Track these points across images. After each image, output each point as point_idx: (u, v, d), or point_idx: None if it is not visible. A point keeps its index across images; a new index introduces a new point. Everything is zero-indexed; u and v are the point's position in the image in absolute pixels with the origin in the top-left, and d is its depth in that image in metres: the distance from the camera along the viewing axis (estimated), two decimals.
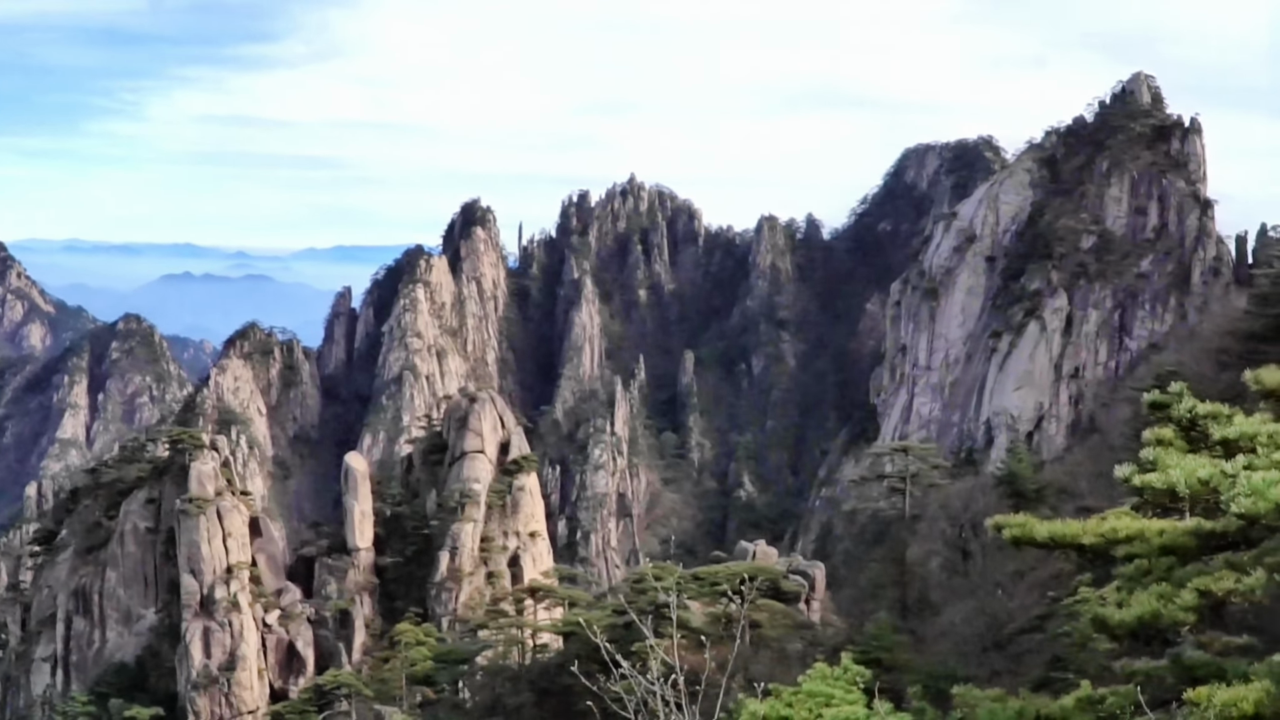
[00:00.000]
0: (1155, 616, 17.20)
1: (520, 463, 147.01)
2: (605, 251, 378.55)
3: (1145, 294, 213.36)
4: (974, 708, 18.76)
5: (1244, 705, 12.60)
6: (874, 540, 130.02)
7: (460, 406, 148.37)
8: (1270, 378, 18.32)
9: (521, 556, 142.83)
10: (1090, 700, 18.08)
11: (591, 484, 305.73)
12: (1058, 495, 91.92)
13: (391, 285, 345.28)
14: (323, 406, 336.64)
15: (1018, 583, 78.87)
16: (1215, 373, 79.12)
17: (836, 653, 25.30)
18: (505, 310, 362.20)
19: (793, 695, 19.35)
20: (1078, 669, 35.49)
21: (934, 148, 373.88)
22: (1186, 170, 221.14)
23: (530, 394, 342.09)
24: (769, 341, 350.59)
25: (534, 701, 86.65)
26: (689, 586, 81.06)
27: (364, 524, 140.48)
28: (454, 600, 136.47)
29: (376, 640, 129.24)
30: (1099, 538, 19.04)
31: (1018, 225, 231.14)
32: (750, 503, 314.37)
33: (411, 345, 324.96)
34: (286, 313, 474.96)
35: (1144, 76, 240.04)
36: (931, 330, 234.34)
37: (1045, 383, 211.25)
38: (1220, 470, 15.21)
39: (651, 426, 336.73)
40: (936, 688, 29.21)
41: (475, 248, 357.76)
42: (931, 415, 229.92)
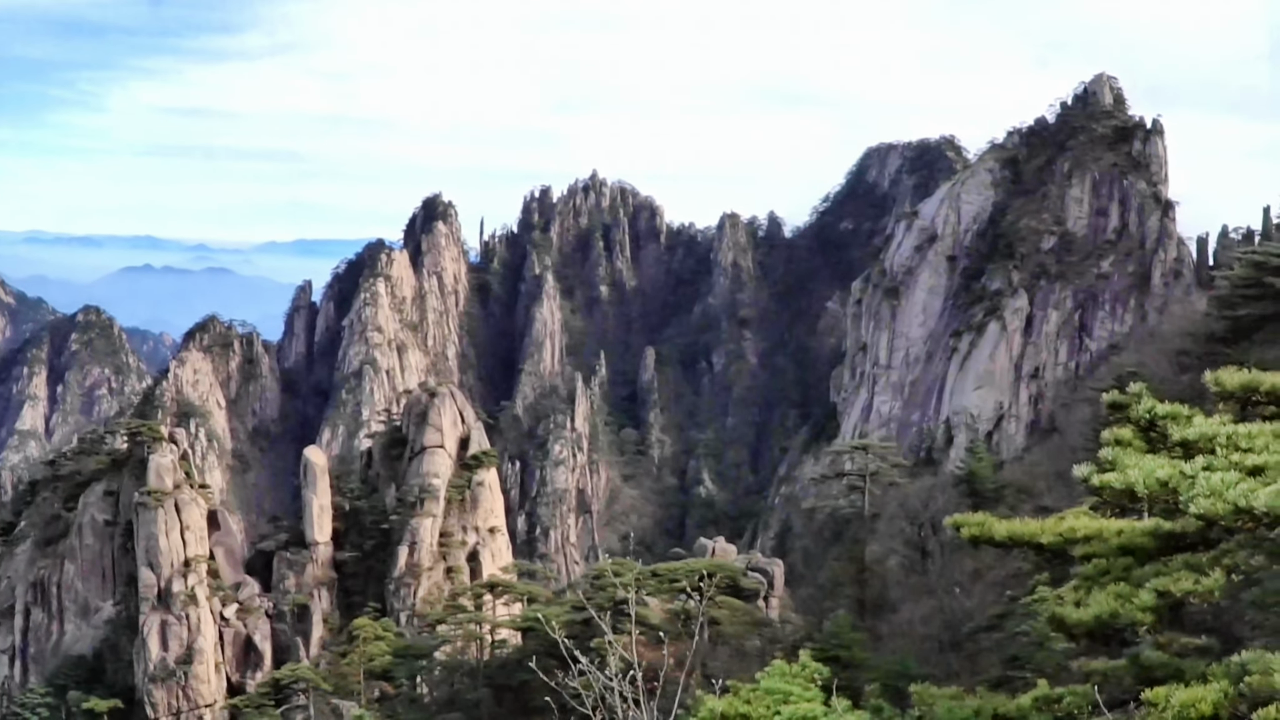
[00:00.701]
0: (1113, 616, 17.22)
1: (480, 458, 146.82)
2: (567, 247, 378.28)
3: (1106, 295, 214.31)
4: (931, 706, 18.76)
5: (1202, 706, 12.62)
6: (833, 538, 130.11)
7: (420, 401, 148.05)
8: (1230, 379, 18.37)
9: (481, 552, 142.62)
10: (1047, 699, 18.11)
11: (551, 480, 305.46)
12: (1017, 495, 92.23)
13: (352, 279, 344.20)
14: (282, 400, 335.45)
15: (976, 582, 79.08)
16: (1175, 374, 79.51)
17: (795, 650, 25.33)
18: (466, 305, 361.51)
19: (751, 692, 19.34)
20: (1035, 668, 35.60)
21: (896, 147, 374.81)
22: (1148, 171, 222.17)
23: (491, 389, 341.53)
24: (730, 339, 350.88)
25: (492, 697, 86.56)
26: (648, 583, 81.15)
27: (323, 518, 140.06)
28: (412, 595, 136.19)
29: (334, 635, 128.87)
30: (1057, 537, 19.07)
31: (979, 225, 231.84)
32: (710, 500, 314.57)
33: (372, 339, 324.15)
34: (247, 306, 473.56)
35: (1106, 77, 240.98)
36: (892, 329, 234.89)
37: (1005, 382, 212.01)
38: (1179, 471, 15.23)
39: (612, 423, 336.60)
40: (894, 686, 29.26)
41: (436, 242, 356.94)
42: (891, 414, 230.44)
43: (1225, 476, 14.64)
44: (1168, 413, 17.66)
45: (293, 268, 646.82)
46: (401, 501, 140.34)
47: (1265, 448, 15.84)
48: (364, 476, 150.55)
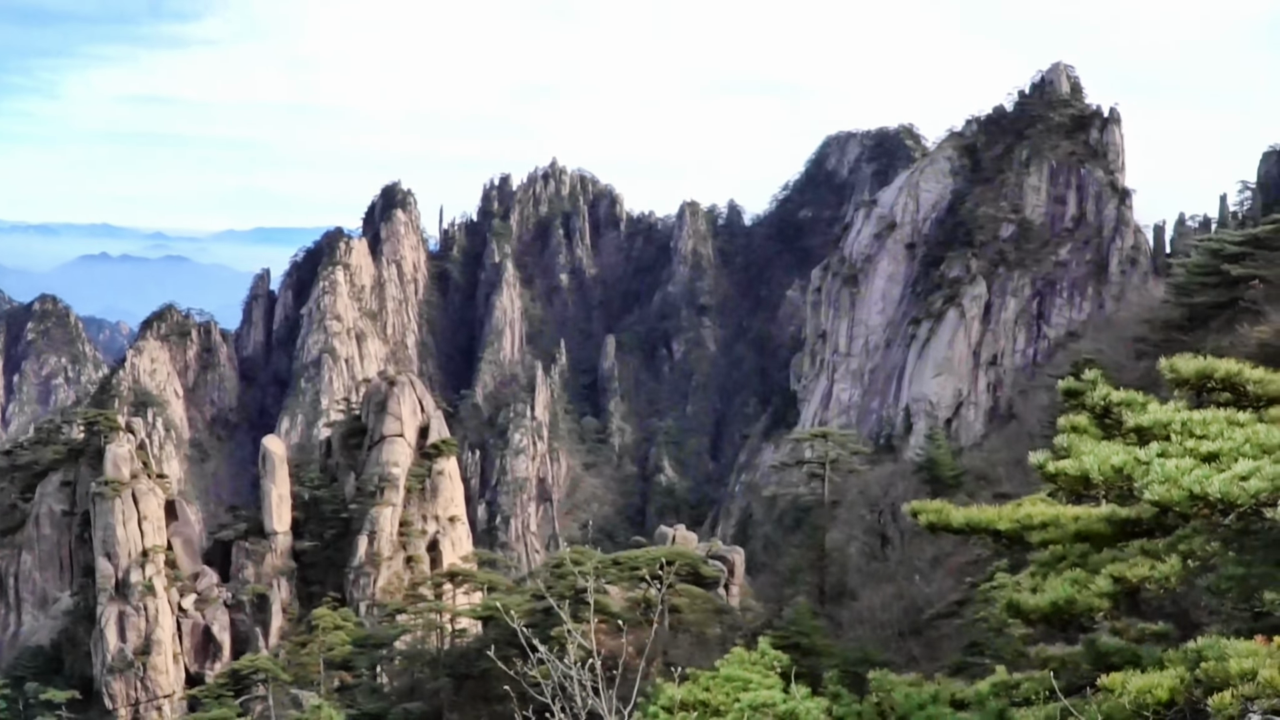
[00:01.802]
0: (1070, 602, 17.30)
1: (440, 447, 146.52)
2: (526, 235, 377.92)
3: (1063, 282, 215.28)
4: (889, 692, 18.83)
5: (1158, 692, 12.68)
6: (793, 525, 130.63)
7: (379, 390, 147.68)
8: (1185, 366, 18.46)
9: (441, 541, 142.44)
10: (1005, 685, 18.19)
11: (512, 468, 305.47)
12: (976, 481, 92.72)
13: (311, 267, 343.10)
14: (240, 389, 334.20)
15: (936, 568, 79.44)
16: (1132, 361, 79.97)
17: (755, 637, 25.39)
18: (425, 294, 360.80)
19: (710, 679, 19.38)
20: (994, 654, 35.79)
21: (855, 135, 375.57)
22: (1105, 160, 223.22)
23: (450, 378, 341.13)
24: (690, 327, 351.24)
25: (452, 686, 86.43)
26: (609, 571, 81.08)
27: (281, 508, 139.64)
28: (372, 585, 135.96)
29: (294, 625, 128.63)
30: (1014, 524, 19.13)
31: (938, 213, 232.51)
32: (670, 488, 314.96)
33: (331, 328, 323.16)
34: (204, 294, 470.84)
35: (1063, 66, 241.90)
36: (852, 317, 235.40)
37: (964, 370, 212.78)
38: (1134, 458, 15.29)
39: (572, 411, 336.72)
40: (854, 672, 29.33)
41: (395, 230, 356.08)
42: (851, 401, 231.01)
43: (1180, 463, 14.71)
44: (1122, 399, 17.74)
45: (251, 256, 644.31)
46: (361, 491, 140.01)
47: (1220, 434, 15.92)
48: (323, 466, 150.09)
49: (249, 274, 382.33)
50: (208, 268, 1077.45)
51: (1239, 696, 11.89)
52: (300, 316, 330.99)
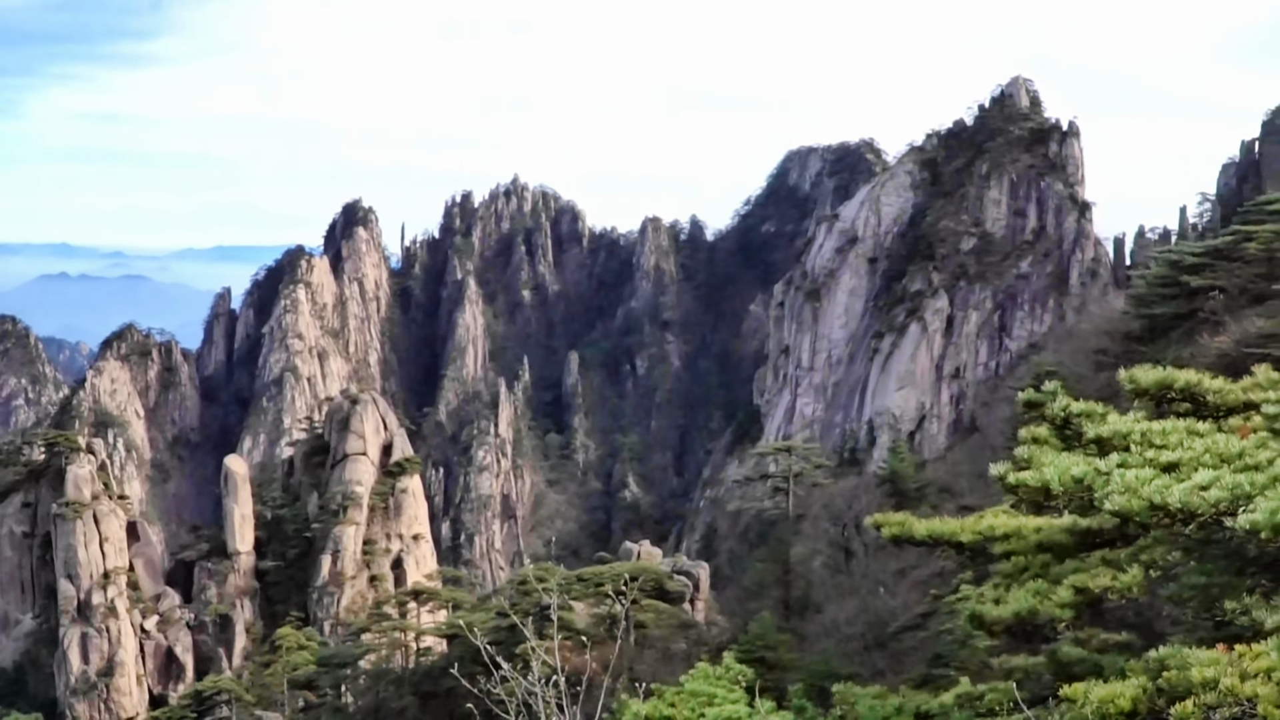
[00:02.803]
0: (1032, 613, 17.36)
1: (403, 465, 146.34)
2: (489, 252, 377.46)
3: (1024, 295, 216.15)
4: (853, 705, 18.87)
5: (1120, 702, 12.71)
6: (758, 540, 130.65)
7: (342, 408, 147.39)
8: (1144, 377, 18.55)
9: (405, 559, 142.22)
10: (969, 696, 18.24)
11: (475, 486, 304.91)
12: (939, 494, 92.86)
13: (272, 286, 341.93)
14: (202, 409, 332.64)
15: (900, 581, 79.53)
16: (1093, 372, 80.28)
17: (720, 652, 25.39)
18: (388, 311, 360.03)
19: (675, 695, 19.37)
20: (959, 666, 35.82)
21: (816, 150, 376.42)
22: (1065, 173, 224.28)
23: (413, 395, 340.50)
24: (653, 342, 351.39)
25: (418, 705, 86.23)
26: (574, 588, 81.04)
27: (244, 527, 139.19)
28: (336, 604, 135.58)
29: (257, 645, 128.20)
30: (976, 535, 19.20)
31: (899, 227, 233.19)
32: (635, 503, 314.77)
33: (292, 346, 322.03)
34: (165, 313, 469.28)
35: (1022, 80, 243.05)
36: (814, 331, 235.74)
37: (927, 383, 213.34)
38: (1094, 468, 15.35)
39: (536, 428, 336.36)
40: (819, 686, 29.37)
41: (357, 248, 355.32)
42: (814, 415, 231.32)
43: (1140, 473, 14.77)
44: (1082, 411, 17.82)
45: (211, 274, 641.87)
46: (324, 509, 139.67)
47: (1179, 444, 16.00)
48: (285, 485, 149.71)
49: (209, 293, 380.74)
50: (168, 286, 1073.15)
51: (1201, 705, 11.93)
52: (262, 335, 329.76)
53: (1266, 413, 18.02)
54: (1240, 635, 13.63)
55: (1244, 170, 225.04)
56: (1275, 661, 11.92)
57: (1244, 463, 15.40)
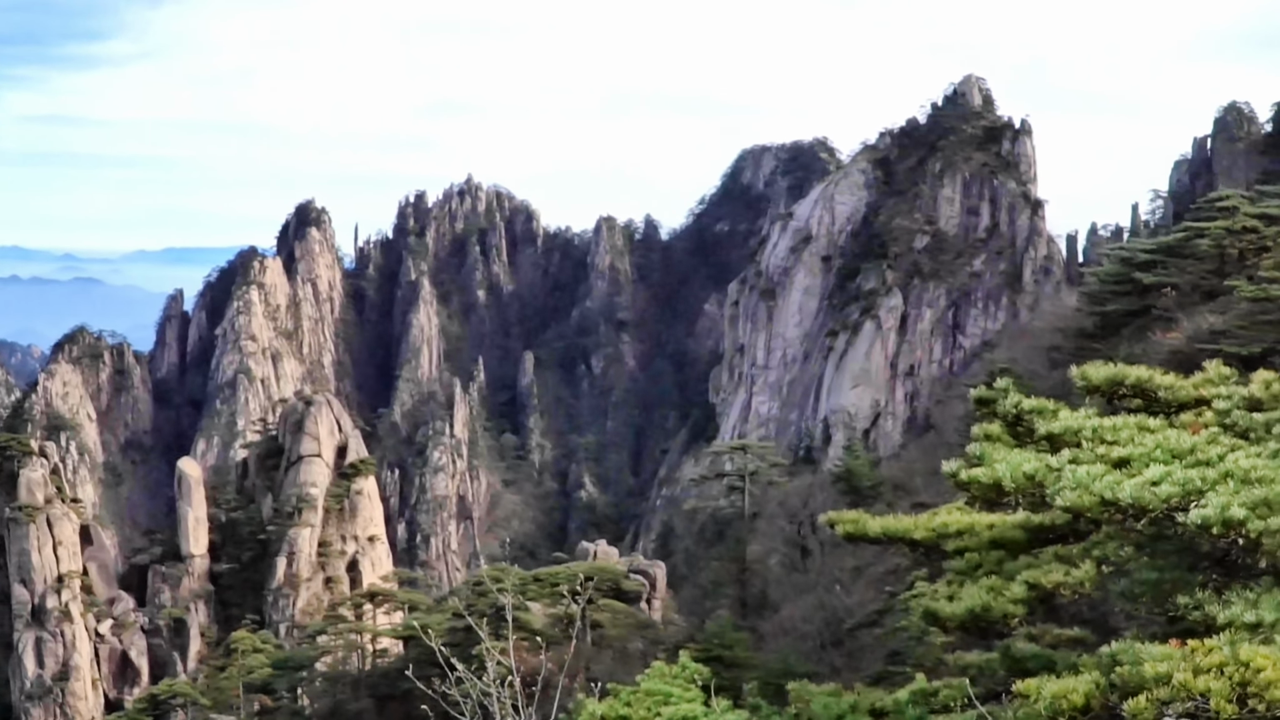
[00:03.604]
0: (985, 609, 17.40)
1: (358, 466, 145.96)
2: (443, 252, 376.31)
3: (978, 293, 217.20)
4: (808, 703, 18.86)
5: (1073, 697, 12.74)
6: (714, 539, 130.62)
7: (296, 410, 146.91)
8: (1096, 373, 18.63)
9: (360, 561, 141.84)
10: (924, 693, 18.25)
11: (431, 487, 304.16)
12: (894, 491, 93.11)
13: (224, 287, 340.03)
14: (155, 411, 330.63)
15: (856, 579, 79.72)
16: (1047, 369, 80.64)
17: (677, 651, 25.43)
18: (341, 312, 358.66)
19: (631, 694, 19.33)
20: (915, 662, 35.90)
21: (770, 149, 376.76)
22: (1017, 171, 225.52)
23: (368, 396, 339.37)
24: (608, 342, 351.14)
25: (374, 707, 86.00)
26: (530, 588, 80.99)
27: (198, 530, 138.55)
28: (291, 606, 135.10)
29: (212, 648, 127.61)
30: (930, 532, 19.25)
31: (853, 225, 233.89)
32: (591, 503, 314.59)
33: (246, 348, 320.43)
34: (117, 316, 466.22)
35: (975, 79, 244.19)
36: (769, 330, 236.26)
37: (881, 380, 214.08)
38: (1046, 465, 15.42)
39: (491, 428, 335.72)
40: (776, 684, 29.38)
41: (310, 249, 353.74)
42: (770, 414, 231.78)
43: (1091, 469, 14.84)
44: (1034, 407, 17.88)
45: (163, 276, 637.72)
46: (279, 512, 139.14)
47: (1130, 440, 16.08)
48: (240, 487, 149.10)
49: (162, 295, 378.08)
50: (120, 289, 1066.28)
51: (1154, 700, 11.97)
52: (215, 337, 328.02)
53: (1218, 408, 18.13)
54: (1193, 630, 13.70)
55: (1196, 167, 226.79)
56: (1228, 657, 11.98)
57: (1195, 458, 15.48)
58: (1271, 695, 11.56)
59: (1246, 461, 15.08)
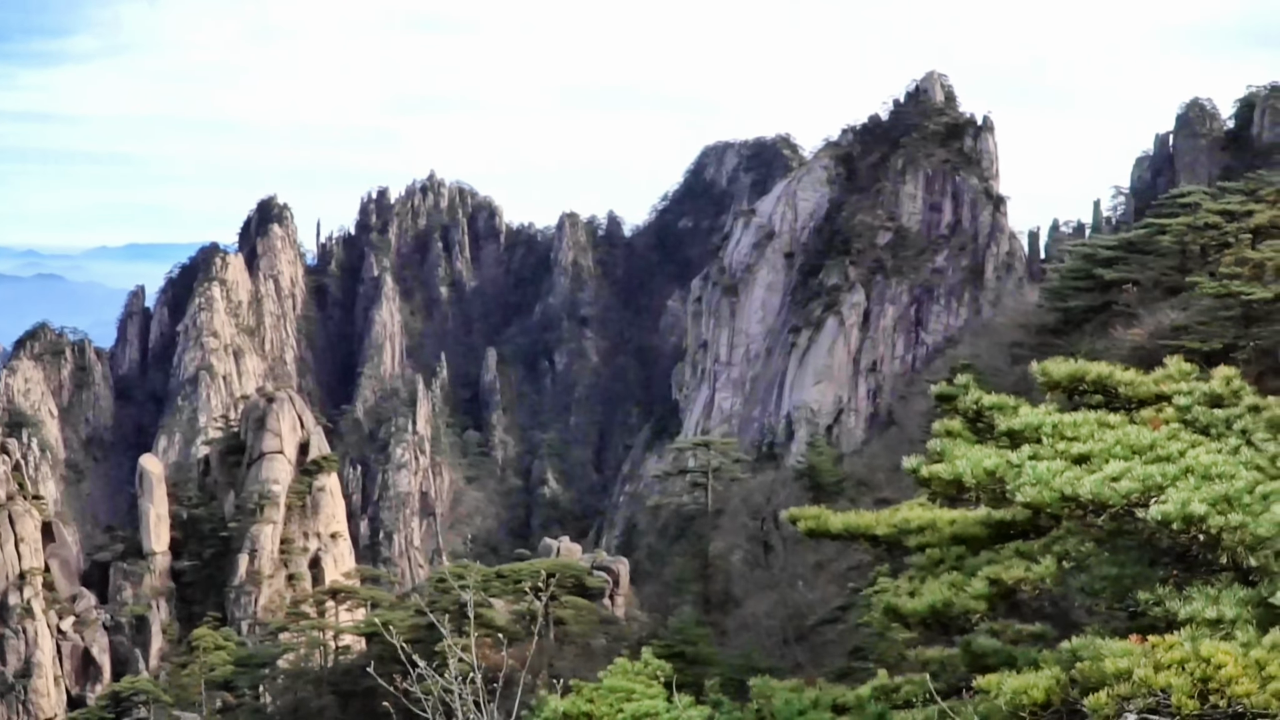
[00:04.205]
0: (947, 605, 17.42)
1: (320, 463, 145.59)
2: (405, 249, 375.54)
3: (940, 289, 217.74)
4: (770, 698, 18.87)
5: (1034, 693, 12.76)
6: (677, 535, 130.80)
7: (258, 406, 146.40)
8: (1057, 369, 18.68)
9: (323, 558, 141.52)
10: (885, 689, 18.28)
11: (394, 483, 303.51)
12: (857, 487, 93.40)
13: (186, 284, 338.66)
14: (116, 408, 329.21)
15: (819, 574, 79.92)
16: (1009, 365, 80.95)
17: (640, 647, 25.41)
18: (304, 309, 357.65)
19: (594, 690, 19.31)
20: (878, 658, 35.97)
21: (733, 145, 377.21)
22: (979, 167, 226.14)
23: (330, 393, 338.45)
24: (571, 338, 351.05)
25: (337, 704, 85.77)
26: (493, 585, 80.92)
27: (160, 527, 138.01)
28: (254, 603, 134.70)
29: (174, 645, 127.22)
30: (891, 528, 19.28)
31: (815, 222, 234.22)
32: (554, 500, 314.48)
33: (207, 345, 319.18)
34: (78, 312, 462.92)
35: (937, 75, 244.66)
36: (732, 326, 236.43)
37: (844, 377, 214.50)
38: (1006, 460, 15.44)
39: (454, 424, 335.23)
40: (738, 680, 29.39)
41: (272, 245, 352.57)
42: (733, 410, 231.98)
43: (1051, 465, 14.87)
44: (994, 403, 17.92)
45: (125, 273, 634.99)
46: (240, 509, 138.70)
47: (1091, 436, 16.12)
48: (201, 484, 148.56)
49: (123, 291, 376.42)
50: (81, 285, 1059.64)
51: (1114, 696, 11.99)
52: (176, 334, 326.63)
53: (1178, 404, 18.18)
54: (1154, 626, 13.72)
55: (1157, 164, 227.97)
56: (1189, 653, 12.00)
57: (1155, 454, 15.52)
58: (1233, 691, 11.60)
59: (1207, 457, 15.13)
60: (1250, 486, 14.44)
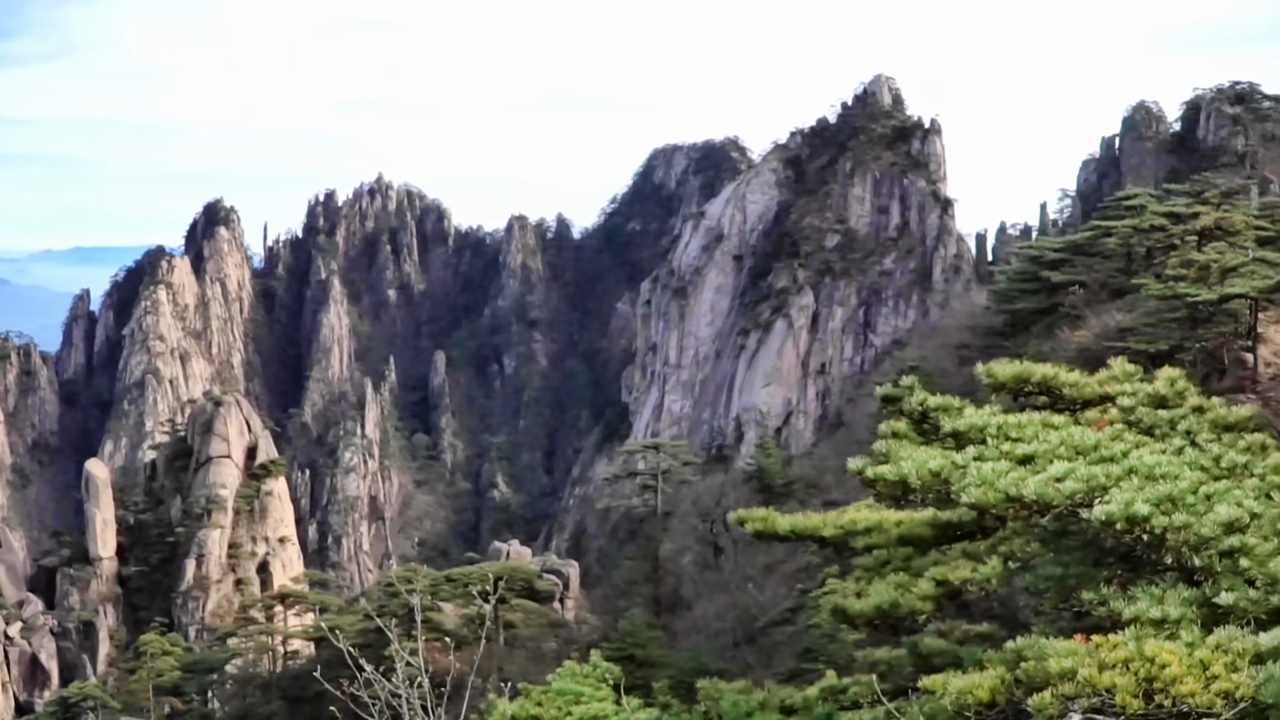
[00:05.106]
0: (894, 606, 17.51)
1: (268, 467, 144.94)
2: (353, 251, 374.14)
3: (889, 291, 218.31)
4: (718, 700, 18.91)
5: (979, 693, 12.82)
6: (627, 538, 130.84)
7: (205, 410, 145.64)
8: (1002, 371, 18.78)
9: (271, 562, 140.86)
10: (833, 690, 18.35)
11: (342, 487, 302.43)
12: (806, 489, 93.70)
13: (132, 287, 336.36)
14: (62, 412, 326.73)
15: (769, 576, 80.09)
16: (956, 367, 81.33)
17: (591, 650, 25.43)
18: (251, 312, 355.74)
19: (542, 694, 19.32)
20: (827, 660, 36.07)
21: (681, 148, 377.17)
22: (927, 170, 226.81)
23: (278, 397, 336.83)
24: (520, 341, 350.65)
25: (285, 709, 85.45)
26: (442, 589, 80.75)
27: (106, 532, 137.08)
28: (201, 609, 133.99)
29: (122, 651, 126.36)
30: (839, 530, 19.35)
31: (764, 224, 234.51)
32: (504, 503, 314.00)
33: (154, 348, 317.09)
34: (23, 316, 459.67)
35: (885, 78, 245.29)
36: (681, 329, 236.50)
37: (793, 379, 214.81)
38: (951, 462, 15.52)
39: (403, 428, 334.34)
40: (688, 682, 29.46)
41: (219, 248, 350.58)
42: (682, 412, 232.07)
43: (996, 466, 14.96)
44: (939, 405, 18.00)
45: (70, 276, 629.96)
46: (188, 513, 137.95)
47: (1035, 437, 16.22)
48: (148, 489, 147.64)
49: (68, 295, 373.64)
50: (26, 289, 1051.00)
51: (1059, 696, 12.07)
52: (122, 337, 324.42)
53: (1123, 405, 18.32)
54: (1099, 626, 13.81)
55: (1104, 166, 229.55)
56: (1133, 652, 12.09)
57: (1099, 455, 15.63)
58: (1177, 691, 11.68)
59: (1151, 458, 15.25)
60: (1194, 487, 14.57)
